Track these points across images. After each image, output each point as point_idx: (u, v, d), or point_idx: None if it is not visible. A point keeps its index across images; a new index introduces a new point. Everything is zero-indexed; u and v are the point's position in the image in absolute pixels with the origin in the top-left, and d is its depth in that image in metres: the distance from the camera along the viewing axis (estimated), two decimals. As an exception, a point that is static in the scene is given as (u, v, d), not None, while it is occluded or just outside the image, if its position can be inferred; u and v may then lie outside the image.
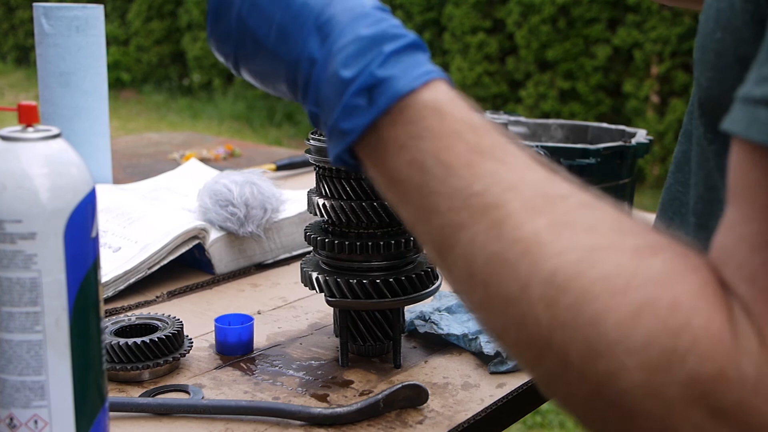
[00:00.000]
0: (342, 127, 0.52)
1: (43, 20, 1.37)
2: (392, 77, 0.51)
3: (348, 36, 0.52)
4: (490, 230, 0.46)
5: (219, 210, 1.09)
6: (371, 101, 0.51)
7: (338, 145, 0.53)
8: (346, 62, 0.52)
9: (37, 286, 0.56)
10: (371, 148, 0.52)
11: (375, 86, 0.51)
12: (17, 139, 0.56)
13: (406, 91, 0.50)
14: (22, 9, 9.63)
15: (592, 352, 0.43)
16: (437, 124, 0.49)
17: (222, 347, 0.88)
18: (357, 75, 0.51)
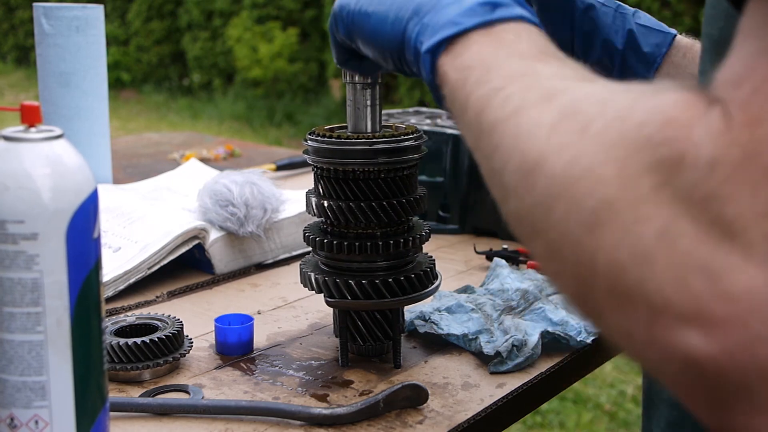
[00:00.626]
0: (458, 20, 0.56)
1: (43, 20, 1.37)
2: (513, 4, 0.56)
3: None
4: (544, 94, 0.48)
5: (219, 210, 1.09)
6: (493, 9, 0.55)
7: (440, 33, 0.56)
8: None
9: (39, 287, 0.56)
10: (455, 53, 0.55)
11: (498, 4, 0.55)
12: (20, 139, 0.56)
13: (522, 16, 0.55)
14: (22, 9, 9.63)
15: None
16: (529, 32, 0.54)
17: (222, 347, 0.88)
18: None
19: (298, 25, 7.26)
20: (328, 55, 7.01)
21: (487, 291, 0.99)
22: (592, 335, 0.90)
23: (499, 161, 0.48)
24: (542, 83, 0.48)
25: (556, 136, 0.44)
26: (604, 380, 2.81)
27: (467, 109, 0.53)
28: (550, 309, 0.92)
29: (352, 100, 0.84)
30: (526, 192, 0.45)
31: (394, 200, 0.82)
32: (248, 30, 7.23)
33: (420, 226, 0.88)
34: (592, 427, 2.55)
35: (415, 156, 0.83)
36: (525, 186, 0.45)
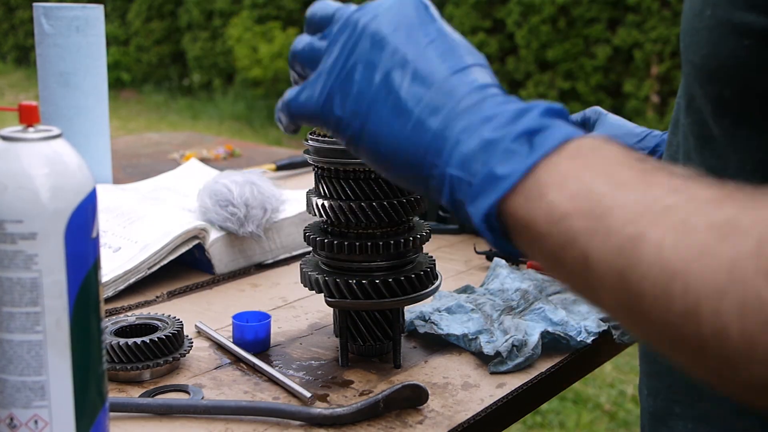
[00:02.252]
0: (498, 172, 0.49)
1: (43, 20, 1.37)
2: (553, 126, 0.50)
3: (498, 108, 0.52)
4: (677, 228, 0.42)
5: (219, 210, 1.09)
6: (531, 146, 0.49)
7: (488, 196, 0.50)
8: (505, 116, 0.51)
9: (38, 287, 0.56)
10: (525, 196, 0.48)
11: (537, 132, 0.49)
12: (18, 139, 0.56)
13: (569, 135, 0.49)
14: (22, 9, 9.63)
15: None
16: (598, 155, 0.48)
17: (239, 344, 0.89)
18: (516, 125, 0.50)
19: (298, 25, 7.26)
20: (328, 55, 7.01)
21: (487, 291, 0.99)
22: (592, 335, 0.90)
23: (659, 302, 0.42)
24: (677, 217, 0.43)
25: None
26: (604, 380, 2.81)
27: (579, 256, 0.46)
28: (550, 309, 0.91)
29: (352, 99, 0.84)
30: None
31: (395, 200, 0.82)
32: (248, 30, 7.23)
33: (420, 226, 0.88)
34: (592, 427, 2.55)
35: (415, 156, 0.83)
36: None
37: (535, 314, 0.92)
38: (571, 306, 0.96)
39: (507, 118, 0.51)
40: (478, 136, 0.51)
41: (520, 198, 0.48)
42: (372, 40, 0.56)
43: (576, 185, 0.47)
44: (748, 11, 0.56)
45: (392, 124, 0.55)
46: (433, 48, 0.56)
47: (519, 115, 0.51)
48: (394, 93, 0.55)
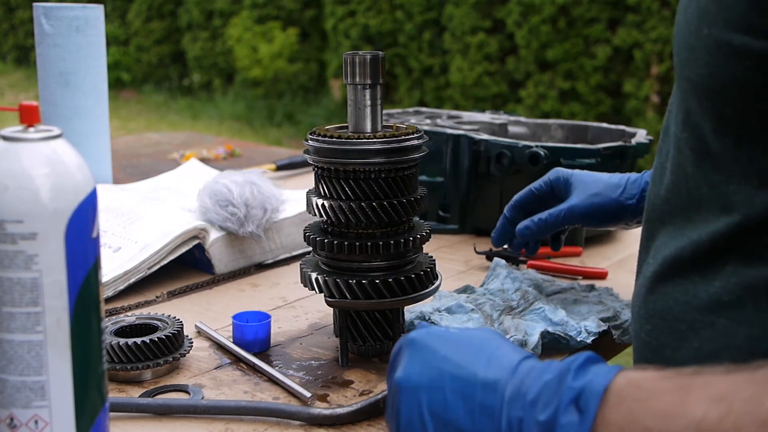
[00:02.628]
0: None
1: (43, 20, 1.37)
2: (589, 381, 0.54)
3: (539, 380, 0.56)
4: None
5: (219, 210, 1.09)
6: (581, 411, 0.53)
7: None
8: (549, 397, 0.55)
9: (38, 287, 0.56)
10: None
11: (579, 396, 0.54)
12: (18, 139, 0.56)
13: (605, 385, 0.54)
14: (22, 9, 9.63)
15: None
16: (639, 393, 0.53)
17: (239, 344, 0.89)
18: (559, 400, 0.54)
19: (298, 25, 7.26)
20: (328, 55, 7.01)
21: (487, 291, 0.99)
22: (592, 335, 0.90)
23: None
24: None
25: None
26: (604, 380, 2.80)
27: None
28: (550, 309, 0.91)
29: (353, 100, 0.84)
30: None
31: (395, 200, 0.82)
32: (248, 30, 7.23)
33: (420, 226, 0.88)
34: (592, 427, 2.55)
35: (416, 156, 0.83)
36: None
37: (535, 314, 0.92)
38: (571, 306, 0.96)
39: (552, 389, 0.55)
40: (535, 419, 0.55)
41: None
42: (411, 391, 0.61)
43: (632, 429, 0.51)
44: (745, 34, 0.57)
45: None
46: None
47: (561, 381, 0.55)
48: (445, 422, 0.59)
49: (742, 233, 0.62)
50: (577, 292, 1.00)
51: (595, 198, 0.99)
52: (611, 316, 0.93)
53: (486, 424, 0.57)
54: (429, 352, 0.62)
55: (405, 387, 0.61)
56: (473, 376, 0.59)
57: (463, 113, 1.50)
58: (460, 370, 0.60)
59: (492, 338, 0.63)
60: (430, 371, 0.61)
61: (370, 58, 0.82)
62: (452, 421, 0.59)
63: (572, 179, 1.02)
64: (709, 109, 0.62)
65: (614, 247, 1.27)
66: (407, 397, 0.61)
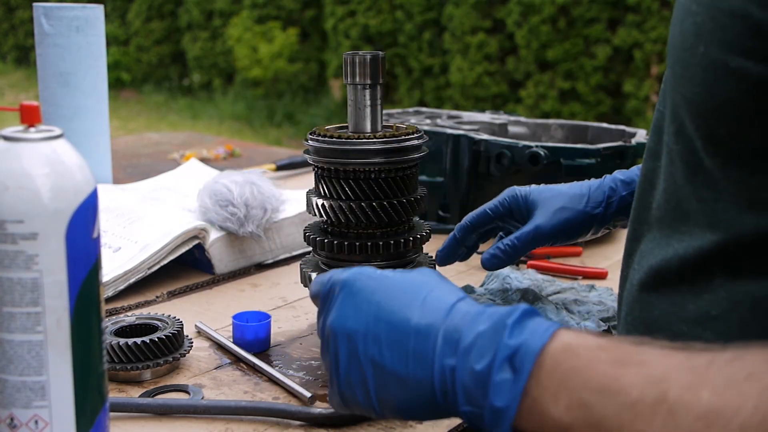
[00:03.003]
0: (498, 405, 0.54)
1: (43, 20, 1.37)
2: (525, 341, 0.54)
3: (472, 330, 0.56)
4: (667, 424, 0.48)
5: (219, 210, 1.09)
6: (515, 370, 0.54)
7: (503, 425, 0.54)
8: (482, 349, 0.55)
9: (39, 287, 0.56)
10: (530, 414, 0.53)
11: (513, 355, 0.54)
12: (19, 139, 0.56)
13: (540, 346, 0.54)
14: (22, 9, 9.63)
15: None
16: (575, 361, 0.53)
17: (239, 344, 0.89)
18: (493, 355, 0.55)
19: (298, 25, 7.26)
20: (328, 55, 7.01)
21: (487, 291, 0.99)
22: (593, 335, 0.89)
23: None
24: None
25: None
26: (604, 380, 2.81)
27: None
28: (550, 309, 0.91)
29: (353, 100, 0.84)
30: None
31: (395, 200, 0.82)
32: (248, 30, 7.23)
33: (420, 226, 0.88)
34: (592, 427, 2.55)
35: (416, 156, 0.83)
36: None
37: (535, 314, 0.92)
38: (571, 306, 0.96)
39: (486, 341, 0.55)
40: (469, 368, 0.55)
41: (527, 418, 0.53)
42: (346, 338, 0.61)
43: (566, 397, 0.52)
44: (743, 57, 0.56)
45: (399, 393, 0.59)
46: (392, 308, 0.60)
47: (497, 334, 0.55)
48: (382, 367, 0.59)
49: (729, 250, 0.61)
50: (577, 292, 1.00)
51: (561, 213, 0.95)
52: (611, 316, 0.93)
53: (419, 371, 0.58)
54: (363, 296, 0.61)
55: (340, 332, 0.61)
56: (406, 322, 0.59)
57: (463, 113, 1.50)
58: (393, 315, 0.60)
59: (428, 281, 0.62)
60: (365, 317, 0.60)
61: (370, 58, 0.82)
62: (388, 367, 0.59)
63: (531, 196, 0.97)
64: (701, 127, 0.61)
65: (614, 247, 1.27)
66: (344, 343, 0.61)
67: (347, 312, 0.62)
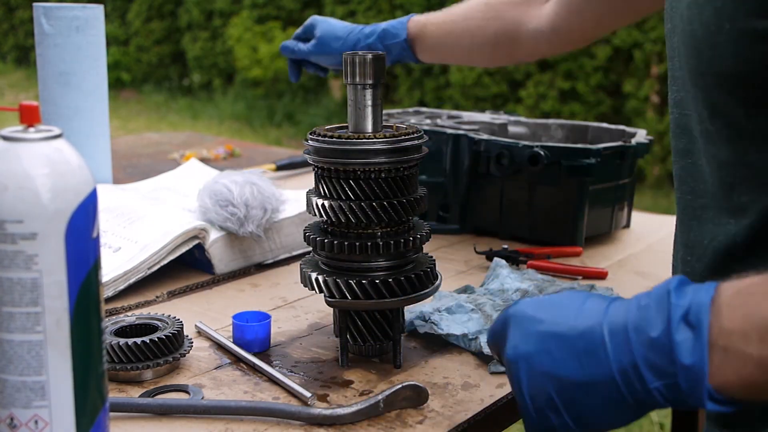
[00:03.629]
0: (687, 363, 0.56)
1: (43, 20, 1.37)
2: (693, 298, 0.57)
3: (634, 310, 0.60)
4: None
5: (219, 210, 1.09)
6: (692, 326, 0.56)
7: (700, 384, 0.56)
8: (654, 318, 0.58)
9: (38, 287, 0.56)
10: (725, 363, 0.55)
11: (687, 313, 0.57)
12: (18, 139, 0.56)
13: (712, 297, 0.57)
14: (22, 9, 9.63)
15: None
16: (750, 299, 0.56)
17: (239, 344, 0.89)
18: (668, 318, 0.57)
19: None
20: (328, 55, 7.00)
21: (487, 291, 0.99)
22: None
23: None
24: None
25: None
26: (604, 380, 2.80)
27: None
28: (551, 309, 0.91)
29: (353, 100, 0.84)
30: None
31: (395, 200, 0.82)
32: (248, 30, 7.23)
33: (420, 226, 0.88)
34: (592, 427, 2.55)
35: (416, 156, 0.83)
36: None
37: (535, 314, 0.92)
38: (571, 306, 0.96)
39: (653, 312, 0.59)
40: (646, 341, 0.58)
41: (724, 369, 0.55)
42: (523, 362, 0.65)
43: (757, 332, 0.54)
44: (766, 18, 0.63)
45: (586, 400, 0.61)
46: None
47: (662, 301, 0.59)
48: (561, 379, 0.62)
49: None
50: (577, 292, 1.00)
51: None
52: (611, 316, 0.93)
53: (596, 371, 0.60)
54: (526, 321, 0.65)
55: (515, 359, 0.65)
56: (571, 330, 0.62)
57: (463, 113, 1.50)
58: (556, 328, 0.63)
59: (579, 295, 0.66)
60: (534, 338, 0.64)
61: (370, 58, 0.82)
62: (566, 376, 0.61)
63: (319, 25, 1.33)
64: (741, 95, 0.65)
65: (614, 247, 1.27)
66: (523, 367, 0.64)
67: (517, 339, 0.65)
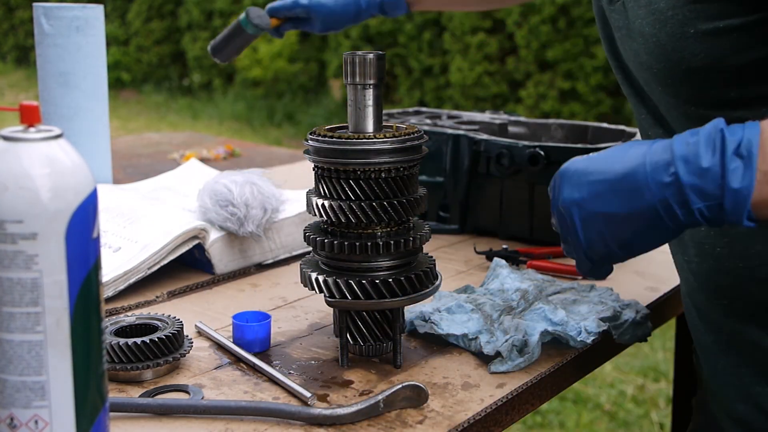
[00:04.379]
0: (736, 187, 0.67)
1: (43, 20, 1.37)
2: (744, 135, 0.68)
3: (681, 148, 0.70)
4: None
5: (219, 210, 1.09)
6: (743, 157, 0.67)
7: (743, 206, 0.67)
8: (704, 151, 0.69)
9: (38, 287, 0.56)
10: (761, 185, 0.67)
11: (738, 147, 0.67)
12: (19, 139, 0.56)
13: (759, 132, 0.67)
14: (22, 9, 9.63)
15: None
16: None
17: (239, 344, 0.89)
18: (720, 148, 0.68)
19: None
20: (328, 55, 7.01)
21: (487, 291, 0.99)
22: (592, 335, 0.90)
23: None
24: None
25: None
26: (604, 380, 2.81)
27: None
28: (550, 309, 0.91)
29: (353, 100, 0.84)
30: None
31: (395, 200, 0.82)
32: (248, 30, 7.22)
33: (420, 226, 0.88)
34: (592, 427, 2.55)
35: (416, 156, 0.83)
36: None
37: (535, 314, 0.92)
38: (571, 306, 0.96)
39: (703, 147, 0.69)
40: (696, 170, 0.68)
41: (762, 189, 0.66)
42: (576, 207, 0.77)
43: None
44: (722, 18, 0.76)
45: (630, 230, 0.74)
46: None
47: (712, 137, 0.69)
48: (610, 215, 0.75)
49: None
50: (577, 292, 1.00)
51: None
52: (611, 316, 0.93)
53: (639, 203, 0.72)
54: (577, 173, 0.77)
55: (569, 205, 0.76)
56: (616, 174, 0.73)
57: (463, 113, 1.50)
58: (603, 175, 0.74)
59: (624, 145, 0.76)
60: (585, 186, 0.75)
61: (370, 58, 0.82)
62: (614, 212, 0.73)
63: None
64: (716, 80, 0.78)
65: (614, 247, 1.27)
66: (576, 212, 0.76)
67: (569, 189, 0.77)
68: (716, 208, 0.68)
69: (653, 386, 2.76)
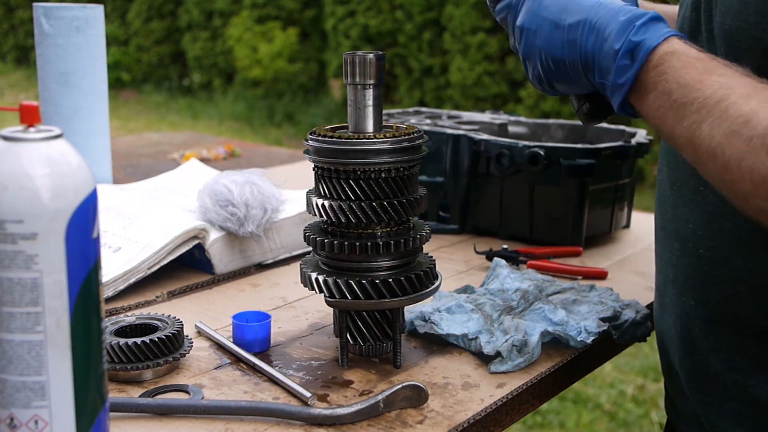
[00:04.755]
0: (618, 82, 0.76)
1: (43, 20, 1.37)
2: (644, 40, 0.75)
3: (612, 24, 0.77)
4: (721, 116, 0.68)
5: (219, 210, 1.09)
6: (633, 59, 0.75)
7: (618, 96, 0.77)
8: (615, 39, 0.77)
9: (38, 287, 0.56)
10: (638, 93, 0.76)
11: (634, 48, 0.75)
12: (19, 139, 0.56)
13: (653, 46, 0.74)
14: (22, 9, 9.64)
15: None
16: (675, 62, 0.73)
17: (239, 344, 0.89)
18: (621, 44, 0.76)
19: (298, 25, 7.26)
20: (328, 55, 7.01)
21: (487, 291, 0.99)
22: (592, 335, 0.90)
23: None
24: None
25: None
26: (604, 380, 2.81)
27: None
28: (550, 309, 0.92)
29: (353, 100, 0.84)
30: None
31: (395, 200, 0.82)
32: (248, 30, 7.23)
33: (420, 226, 0.88)
34: (592, 427, 2.55)
35: (416, 156, 0.83)
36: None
37: (535, 314, 0.92)
38: (571, 306, 0.96)
39: (617, 35, 0.76)
40: (604, 53, 0.77)
41: (635, 96, 0.76)
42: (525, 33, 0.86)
43: (660, 85, 0.73)
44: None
45: (557, 71, 0.83)
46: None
47: (625, 31, 0.76)
48: (546, 53, 0.83)
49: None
50: (577, 292, 1.00)
51: None
52: (611, 316, 0.93)
53: (572, 54, 0.80)
54: (538, 5, 0.84)
55: (521, 31, 0.85)
56: (564, 21, 0.81)
57: (463, 113, 1.50)
58: (556, 17, 0.82)
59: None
60: (539, 20, 0.83)
61: (370, 58, 0.82)
62: (551, 52, 0.82)
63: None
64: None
65: (614, 247, 1.27)
66: (524, 37, 0.85)
67: (525, 17, 0.85)
68: (604, 87, 0.78)
69: (653, 386, 2.76)
